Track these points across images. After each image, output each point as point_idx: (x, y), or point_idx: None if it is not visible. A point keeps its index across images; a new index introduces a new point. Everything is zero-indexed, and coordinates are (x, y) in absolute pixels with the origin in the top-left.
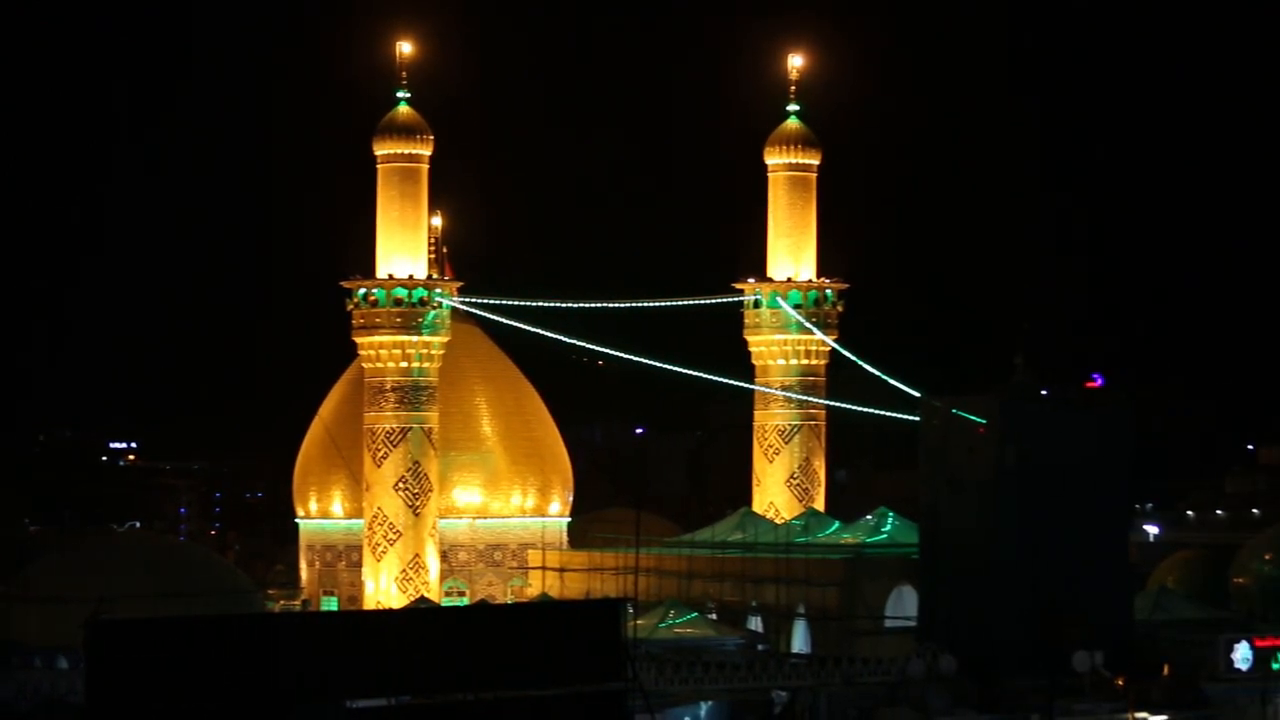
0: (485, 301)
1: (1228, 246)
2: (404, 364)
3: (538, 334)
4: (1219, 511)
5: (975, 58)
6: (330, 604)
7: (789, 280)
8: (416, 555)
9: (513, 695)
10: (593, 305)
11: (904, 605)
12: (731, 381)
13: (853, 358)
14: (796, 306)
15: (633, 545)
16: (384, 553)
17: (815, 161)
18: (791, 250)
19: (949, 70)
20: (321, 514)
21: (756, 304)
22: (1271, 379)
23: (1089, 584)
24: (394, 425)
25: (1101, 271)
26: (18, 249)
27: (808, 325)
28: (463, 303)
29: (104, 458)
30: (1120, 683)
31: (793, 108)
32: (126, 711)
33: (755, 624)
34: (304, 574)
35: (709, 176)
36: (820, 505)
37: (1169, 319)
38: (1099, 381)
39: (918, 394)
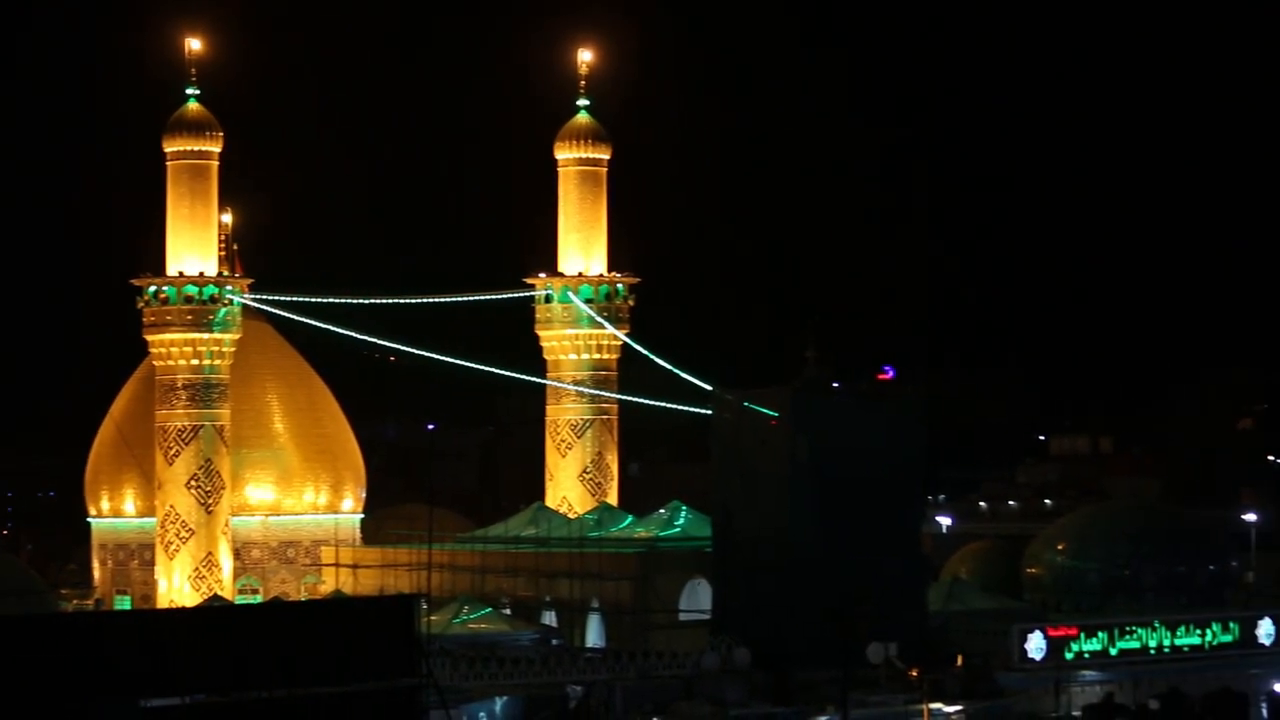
0: (276, 298)
1: (1020, 240)
2: (195, 361)
3: (329, 330)
4: (1011, 502)
5: (767, 50)
6: (123, 603)
7: (580, 275)
8: (209, 553)
9: (307, 692)
10: (384, 301)
11: (698, 598)
12: (523, 377)
13: (644, 352)
14: (588, 301)
15: (426, 541)
16: (177, 551)
17: (605, 156)
18: (582, 245)
19: (741, 63)
20: (113, 513)
21: (548, 299)
22: (1062, 371)
23: (882, 576)
24: (185, 423)
25: (892, 264)
26: None
27: (599, 320)
28: (254, 300)
29: None
30: (914, 674)
31: (582, 102)
32: None
33: (549, 619)
34: (96, 573)
35: (500, 172)
36: (613, 499)
37: (960, 311)
38: (890, 374)
39: (709, 387)
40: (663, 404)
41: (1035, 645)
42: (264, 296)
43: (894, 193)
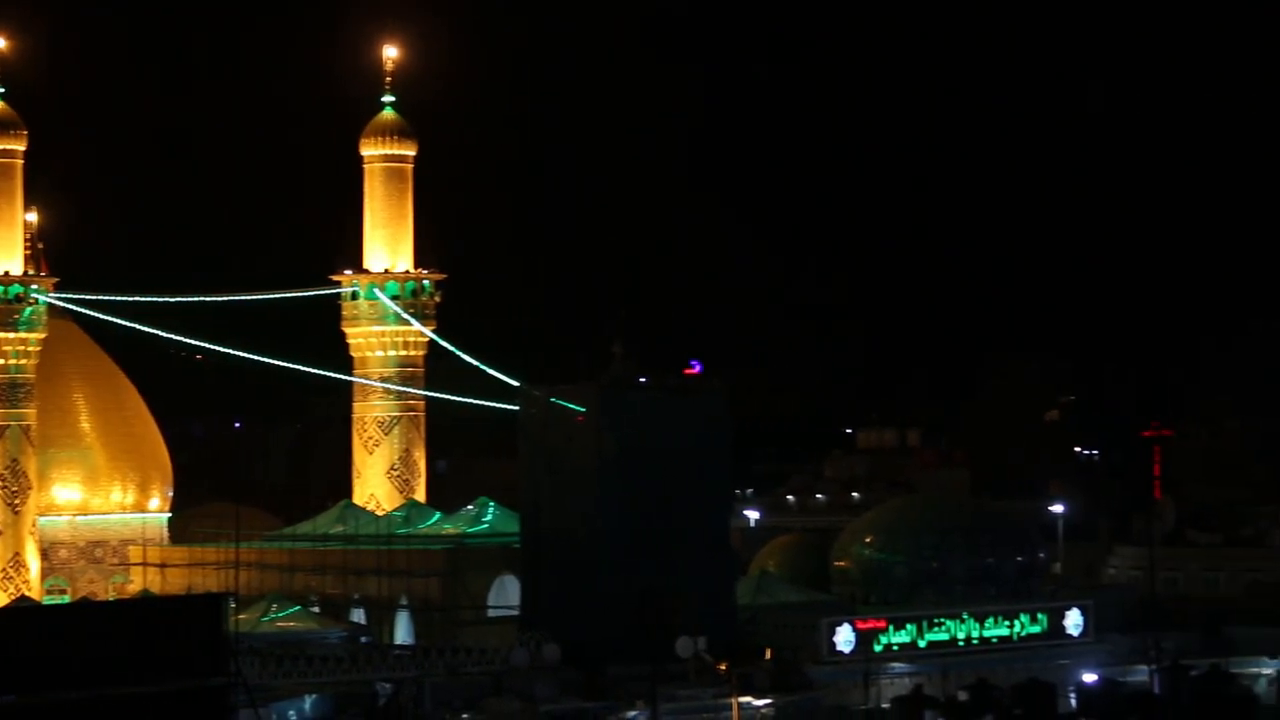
0: (82, 297)
1: (827, 233)
2: (1, 361)
3: (135, 329)
4: (819, 496)
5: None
6: None
7: (386, 271)
8: (17, 554)
9: (115, 693)
10: (190, 299)
11: (507, 594)
12: (330, 374)
13: (451, 348)
14: (394, 298)
15: (233, 540)
16: None
17: (411, 152)
18: (389, 241)
19: (546, 58)
20: None
21: (354, 296)
22: (870, 364)
23: (691, 570)
24: None
25: (699, 258)
26: None
27: (405, 316)
28: (59, 299)
29: None
30: (723, 668)
31: (387, 99)
32: None
33: (358, 616)
34: None
35: (305, 168)
36: (421, 496)
37: (767, 305)
38: (697, 368)
39: (517, 384)
40: (470, 400)
41: (844, 638)
42: (70, 295)
43: (700, 187)
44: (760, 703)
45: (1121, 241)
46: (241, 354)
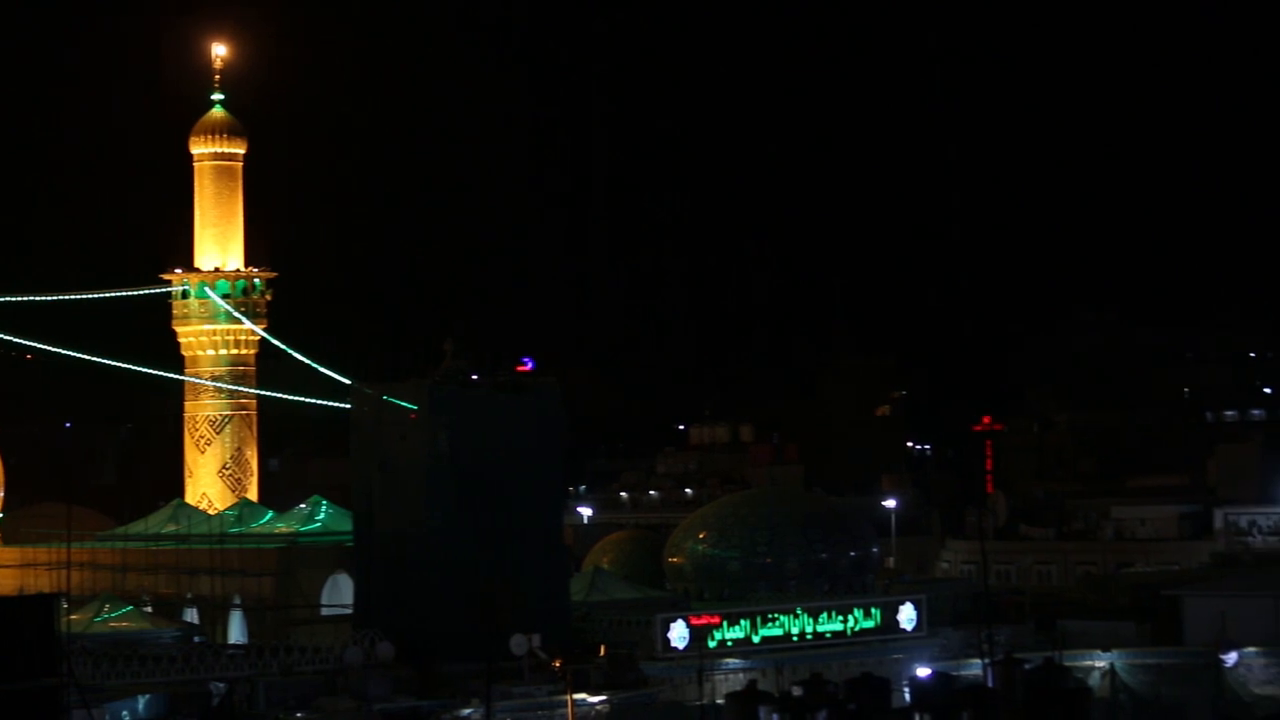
0: None
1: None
2: None
3: None
4: (652, 492)
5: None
6: None
7: (217, 270)
8: None
9: None
10: (19, 299)
11: (340, 593)
12: (161, 373)
13: (282, 346)
14: (225, 296)
15: (65, 540)
16: None
17: (241, 150)
18: (219, 240)
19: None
20: None
21: (185, 294)
22: (703, 360)
23: (525, 567)
24: None
25: (531, 256)
26: None
27: (236, 315)
28: None
29: None
30: (558, 664)
31: (217, 96)
32: None
33: (191, 616)
34: None
35: (136, 167)
36: (254, 495)
37: (599, 301)
38: (529, 365)
39: (348, 381)
40: (302, 399)
41: (678, 634)
42: None
43: (533, 185)
44: (595, 700)
45: (953, 238)
46: (72, 353)
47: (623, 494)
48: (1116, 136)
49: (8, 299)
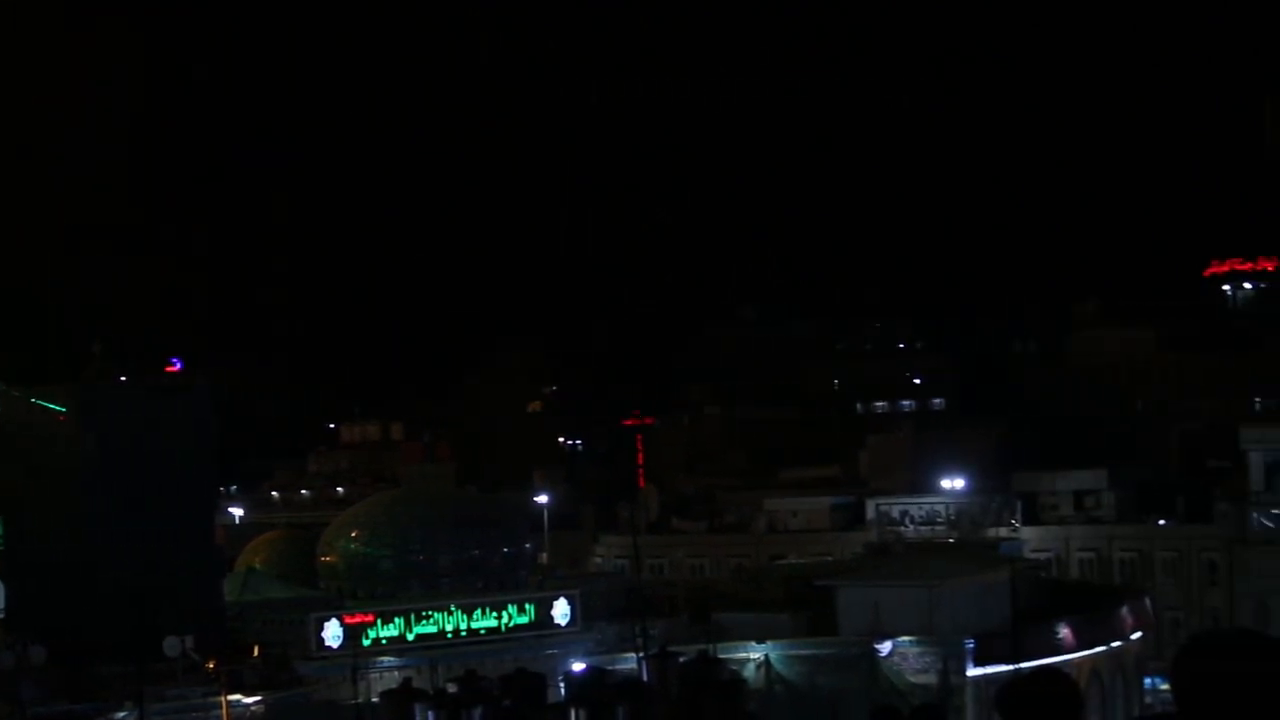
0: None
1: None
2: None
3: None
4: (304, 491)
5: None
6: None
7: None
8: None
9: None
10: None
11: None
12: None
13: None
14: None
15: None
16: None
17: None
18: None
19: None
20: None
21: None
22: (352, 359)
23: (177, 568)
24: None
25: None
26: None
27: None
28: None
29: None
30: (212, 665)
31: None
32: None
33: None
34: None
35: None
36: None
37: (250, 301)
38: (178, 366)
39: None
40: None
41: (332, 633)
42: None
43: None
44: (250, 700)
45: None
46: None
47: (275, 493)
48: (769, 132)
49: None
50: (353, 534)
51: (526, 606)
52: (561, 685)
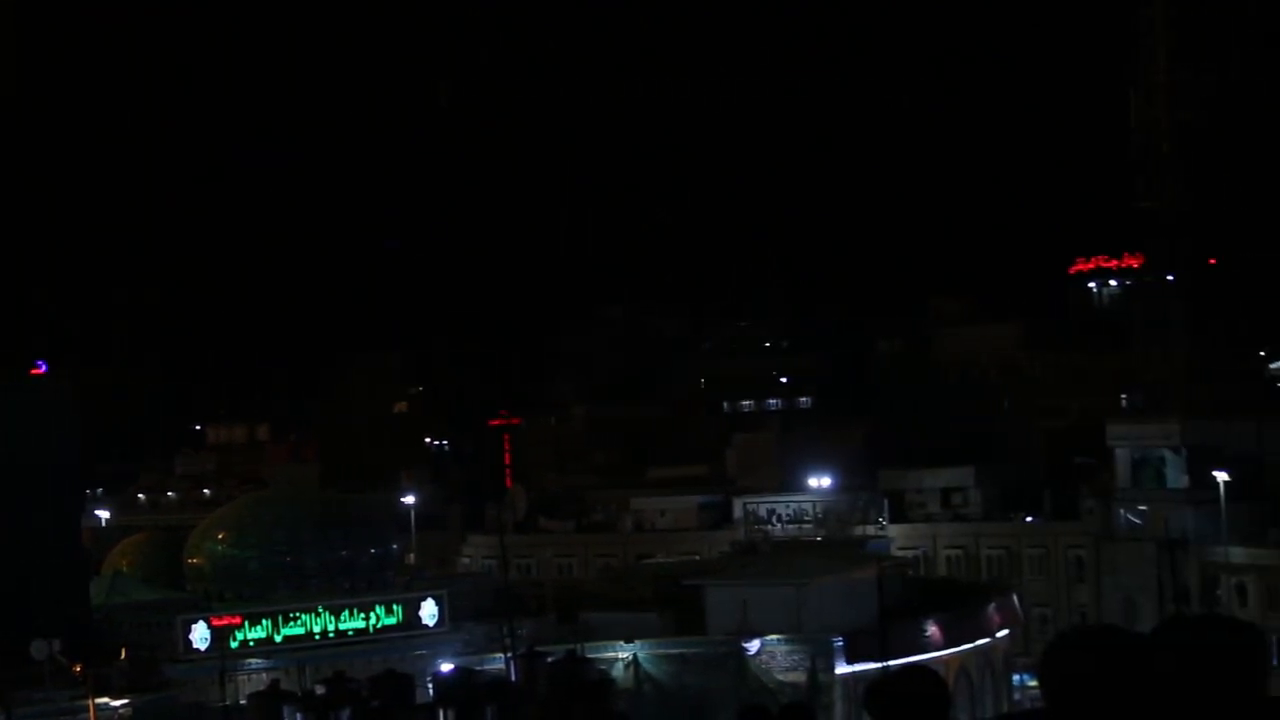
0: None
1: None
2: None
3: None
4: (171, 493)
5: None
6: None
7: None
8: None
9: None
10: None
11: None
12: None
13: None
14: None
15: None
16: None
17: None
18: None
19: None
20: None
21: None
22: (219, 361)
23: (43, 572)
24: None
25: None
26: None
27: None
28: None
29: None
30: (79, 669)
31: None
32: None
33: None
34: None
35: None
36: None
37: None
38: (42, 368)
39: None
40: None
41: (199, 635)
42: None
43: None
44: (118, 703)
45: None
46: None
47: (141, 495)
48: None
49: None
50: (219, 536)
51: (394, 607)
52: (430, 686)
